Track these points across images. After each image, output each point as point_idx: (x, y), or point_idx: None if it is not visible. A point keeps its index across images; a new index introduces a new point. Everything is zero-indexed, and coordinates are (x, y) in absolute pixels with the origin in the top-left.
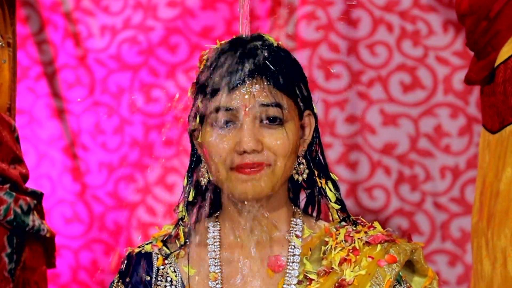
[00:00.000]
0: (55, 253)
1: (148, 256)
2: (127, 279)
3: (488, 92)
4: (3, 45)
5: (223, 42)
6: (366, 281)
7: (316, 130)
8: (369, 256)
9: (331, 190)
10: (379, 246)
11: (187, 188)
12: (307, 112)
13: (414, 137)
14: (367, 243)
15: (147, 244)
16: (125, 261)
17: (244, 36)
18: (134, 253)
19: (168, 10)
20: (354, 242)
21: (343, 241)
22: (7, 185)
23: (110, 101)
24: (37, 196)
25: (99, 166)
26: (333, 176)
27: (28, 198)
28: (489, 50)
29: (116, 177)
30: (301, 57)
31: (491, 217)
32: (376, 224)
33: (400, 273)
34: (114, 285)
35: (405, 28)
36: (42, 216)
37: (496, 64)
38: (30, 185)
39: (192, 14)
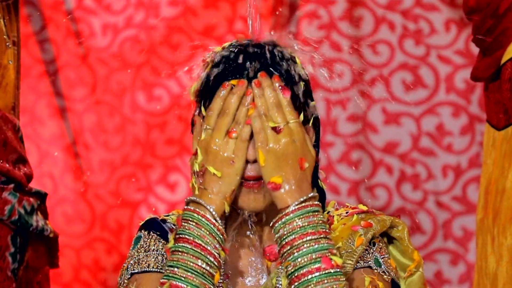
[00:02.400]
0: (58, 253)
1: (170, 224)
2: (158, 232)
3: (493, 88)
4: (10, 45)
5: (225, 45)
6: (336, 241)
7: (317, 140)
8: (344, 224)
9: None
10: (355, 216)
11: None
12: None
13: (416, 136)
14: (345, 217)
15: (172, 215)
16: (149, 220)
17: (249, 40)
18: (159, 218)
19: (170, 9)
20: (333, 217)
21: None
22: (11, 186)
23: (112, 100)
24: (41, 196)
25: (101, 165)
26: (321, 184)
27: (31, 199)
28: (496, 47)
29: (118, 176)
30: (303, 56)
31: (497, 214)
32: (359, 205)
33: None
34: (144, 237)
35: (407, 27)
36: (45, 216)
37: (502, 61)
38: (32, 184)
39: (194, 13)
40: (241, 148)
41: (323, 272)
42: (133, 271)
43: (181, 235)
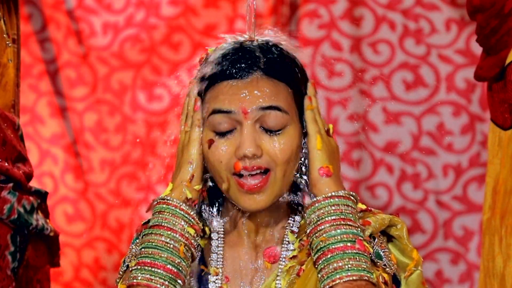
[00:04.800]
0: (59, 252)
1: None
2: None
3: (497, 88)
4: (10, 44)
5: (223, 45)
6: None
7: None
8: None
9: None
10: None
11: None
12: None
13: (416, 135)
14: None
15: None
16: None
17: (247, 38)
18: None
19: (170, 8)
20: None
21: None
22: (10, 185)
23: (112, 99)
24: (41, 195)
25: (102, 164)
26: None
27: (31, 198)
28: (501, 47)
29: (118, 175)
30: (304, 55)
31: (505, 214)
32: (359, 204)
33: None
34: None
35: (407, 26)
36: (46, 215)
37: (507, 61)
38: (32, 183)
39: (194, 12)
40: (193, 133)
41: (356, 251)
42: (129, 263)
43: (149, 224)
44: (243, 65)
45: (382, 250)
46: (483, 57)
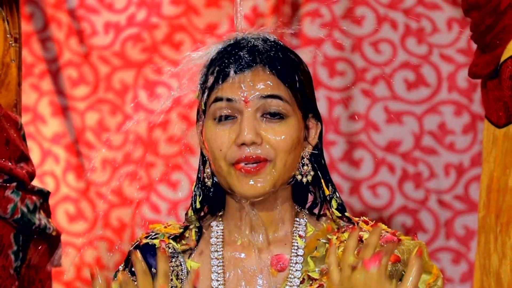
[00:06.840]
0: (60, 252)
1: (154, 249)
2: (133, 269)
3: (492, 86)
4: (12, 44)
5: (224, 41)
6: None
7: (320, 133)
8: None
9: (334, 197)
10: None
11: (195, 195)
12: (311, 114)
13: (418, 134)
14: None
15: (154, 238)
16: (132, 251)
17: (244, 34)
18: (141, 244)
19: (172, 7)
20: (362, 242)
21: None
22: (14, 184)
23: (114, 98)
24: (44, 194)
25: (103, 163)
26: (338, 195)
27: (34, 197)
28: (496, 45)
29: (120, 174)
30: (305, 54)
31: (500, 212)
32: (383, 226)
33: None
34: (120, 273)
35: (409, 26)
36: (48, 214)
37: (502, 59)
38: (34, 182)
39: (196, 11)
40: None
41: None
42: None
43: None
44: (245, 58)
45: None
46: (477, 54)
